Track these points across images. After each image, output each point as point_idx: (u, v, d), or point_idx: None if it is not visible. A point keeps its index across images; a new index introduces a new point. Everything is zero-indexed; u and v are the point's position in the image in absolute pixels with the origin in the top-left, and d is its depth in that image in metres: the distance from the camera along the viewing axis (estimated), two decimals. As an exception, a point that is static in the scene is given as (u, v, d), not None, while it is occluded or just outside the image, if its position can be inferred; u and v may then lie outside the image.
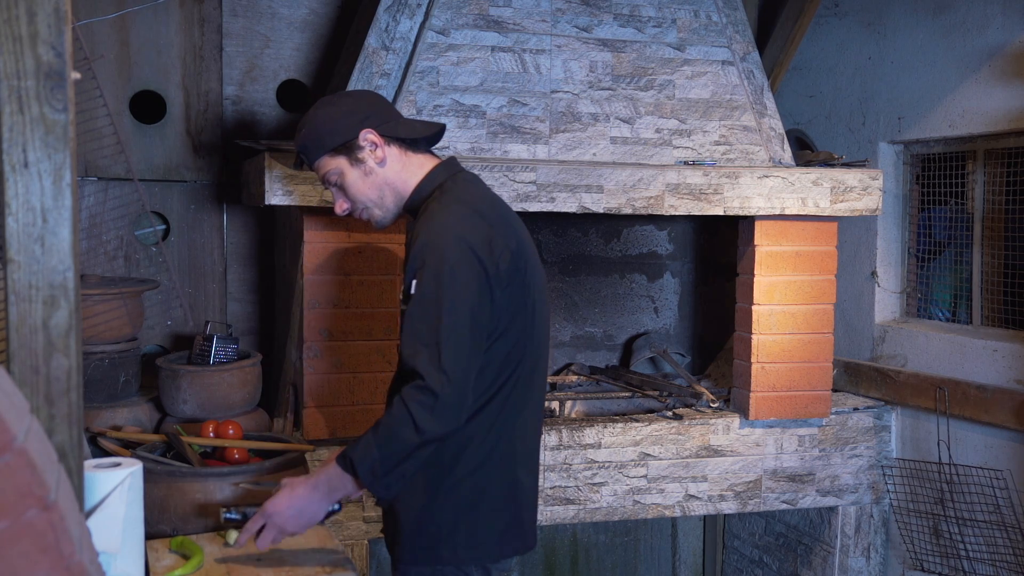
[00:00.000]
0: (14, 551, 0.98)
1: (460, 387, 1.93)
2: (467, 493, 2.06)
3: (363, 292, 3.18)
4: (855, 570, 3.81)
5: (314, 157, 2.15)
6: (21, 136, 1.32)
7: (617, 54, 3.46)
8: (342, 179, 2.14)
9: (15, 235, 1.35)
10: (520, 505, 2.14)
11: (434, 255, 1.97)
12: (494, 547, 2.10)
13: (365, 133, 2.12)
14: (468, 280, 1.96)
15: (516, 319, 2.07)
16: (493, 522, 2.09)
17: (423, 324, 1.94)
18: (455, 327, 1.93)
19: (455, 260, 1.96)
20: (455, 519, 2.06)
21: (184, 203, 3.83)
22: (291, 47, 3.92)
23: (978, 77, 3.49)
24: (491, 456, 2.08)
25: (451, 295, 1.94)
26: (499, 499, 2.10)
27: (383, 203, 2.16)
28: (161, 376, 3.19)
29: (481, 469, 2.07)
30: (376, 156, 2.13)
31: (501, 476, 2.10)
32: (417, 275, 1.98)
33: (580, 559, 4.50)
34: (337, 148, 2.12)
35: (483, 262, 1.98)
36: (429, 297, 1.95)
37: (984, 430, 3.45)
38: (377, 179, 2.14)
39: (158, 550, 2.19)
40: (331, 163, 2.13)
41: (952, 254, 3.81)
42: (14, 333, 1.36)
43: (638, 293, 4.22)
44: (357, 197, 2.15)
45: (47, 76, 1.31)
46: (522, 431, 2.14)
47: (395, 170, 2.15)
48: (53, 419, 1.38)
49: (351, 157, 2.13)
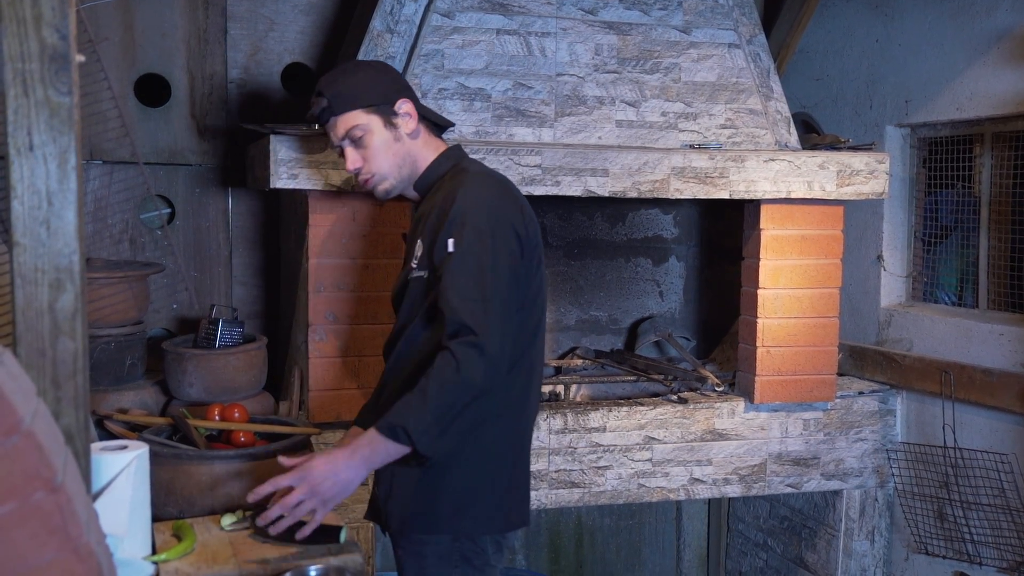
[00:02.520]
0: (22, 532, 0.98)
1: (505, 343, 1.96)
2: (489, 463, 2.11)
3: (368, 276, 3.18)
4: (859, 553, 3.82)
5: (346, 107, 2.13)
6: (26, 119, 1.32)
7: (623, 37, 3.44)
8: (368, 138, 2.14)
9: (20, 218, 1.35)
10: (526, 478, 2.20)
11: (476, 215, 2.00)
12: (503, 519, 2.14)
13: (403, 102, 2.16)
14: (508, 241, 2.02)
15: (538, 293, 2.14)
16: (506, 494, 2.14)
17: (467, 280, 1.96)
18: (499, 286, 1.98)
19: (496, 222, 2.01)
20: (477, 488, 2.09)
21: (189, 186, 3.83)
22: (296, 30, 3.91)
23: (986, 60, 3.47)
24: (510, 426, 2.14)
25: (495, 254, 1.99)
26: (513, 471, 2.15)
27: (400, 174, 2.18)
28: (167, 359, 3.19)
29: (503, 439, 2.12)
30: (407, 127, 2.16)
31: (516, 448, 2.16)
32: (455, 235, 1.99)
33: (585, 542, 4.52)
34: (374, 106, 2.13)
35: (517, 229, 2.05)
36: (473, 254, 1.98)
37: (989, 414, 3.45)
38: (402, 149, 2.16)
39: (164, 532, 2.20)
40: (362, 118, 2.13)
41: (958, 238, 3.80)
42: (20, 316, 1.36)
43: (643, 277, 4.21)
44: (378, 161, 2.15)
45: (51, 59, 1.31)
46: (534, 406, 2.20)
47: (418, 146, 2.18)
48: (60, 402, 1.38)
49: (386, 119, 2.15)
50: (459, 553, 2.10)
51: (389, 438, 1.93)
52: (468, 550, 2.11)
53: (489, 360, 1.92)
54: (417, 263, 2.10)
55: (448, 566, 2.10)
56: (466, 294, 1.95)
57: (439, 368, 1.93)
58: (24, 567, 0.98)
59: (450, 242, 2.00)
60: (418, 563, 2.13)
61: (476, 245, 1.98)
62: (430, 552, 2.11)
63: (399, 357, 2.17)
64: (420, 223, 2.16)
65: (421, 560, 2.12)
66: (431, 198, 2.16)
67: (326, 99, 2.14)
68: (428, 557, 2.11)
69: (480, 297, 1.95)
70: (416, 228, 2.18)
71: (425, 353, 2.06)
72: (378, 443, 1.95)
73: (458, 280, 1.96)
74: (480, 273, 1.96)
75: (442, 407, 1.91)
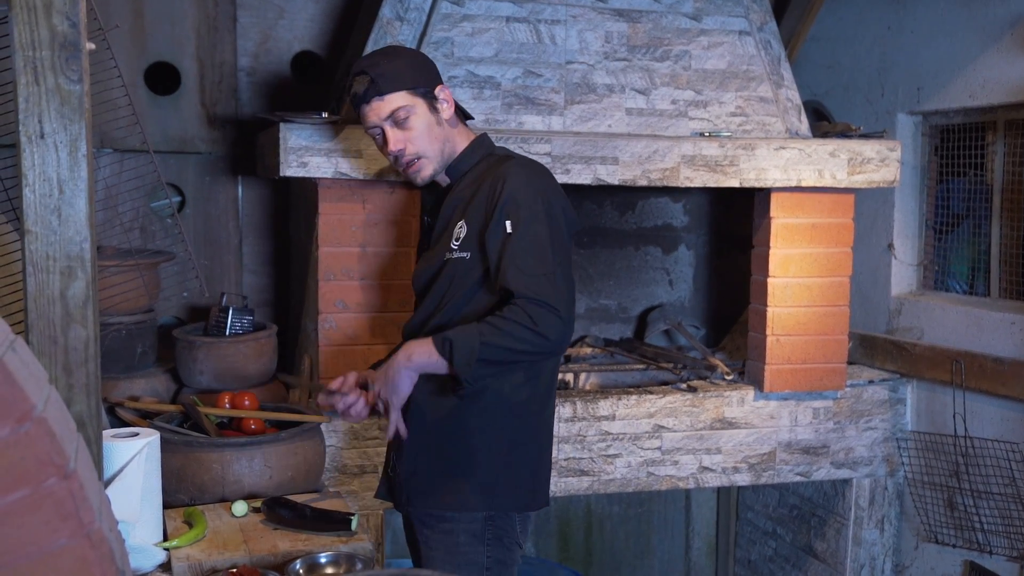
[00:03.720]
0: (35, 519, 0.99)
1: (571, 312, 2.07)
2: (529, 441, 2.19)
3: (378, 264, 3.18)
4: (869, 542, 3.82)
5: (392, 88, 2.15)
6: (37, 107, 1.32)
7: (633, 24, 3.43)
8: (412, 120, 2.17)
9: (32, 206, 1.35)
10: (551, 459, 2.28)
11: (530, 198, 2.08)
12: (533, 497, 2.21)
13: (442, 88, 2.22)
14: (559, 220, 2.12)
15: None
16: (537, 472, 2.22)
17: (530, 257, 2.04)
18: (560, 260, 2.07)
19: (547, 203, 2.10)
20: (512, 465, 2.16)
21: (199, 175, 3.84)
22: (305, 18, 3.90)
23: (1000, 46, 3.44)
24: (548, 406, 2.24)
25: (552, 232, 2.08)
26: (544, 451, 2.24)
27: (440, 157, 2.23)
28: (177, 347, 3.21)
29: (541, 418, 2.22)
30: (446, 113, 2.22)
31: (547, 428, 2.26)
32: (512, 216, 2.06)
33: (594, 530, 4.53)
34: (419, 88, 2.17)
35: (565, 210, 2.15)
36: (533, 233, 2.06)
37: (1000, 403, 3.44)
38: (443, 133, 2.21)
39: (175, 519, 2.22)
40: (408, 100, 2.16)
41: (970, 226, 3.78)
42: (32, 304, 1.37)
43: (653, 265, 4.21)
44: (422, 143, 2.19)
45: (62, 47, 1.31)
46: (556, 389, 2.30)
47: (453, 132, 2.24)
48: (71, 389, 1.39)
49: (430, 103, 2.19)
50: (492, 531, 2.15)
51: (437, 348, 2.02)
52: (500, 528, 2.16)
53: (562, 323, 2.01)
54: (459, 245, 2.14)
55: (480, 543, 2.15)
56: (531, 270, 2.03)
57: (513, 312, 2.00)
58: (37, 553, 0.99)
59: (507, 223, 2.06)
60: (449, 540, 2.16)
61: (534, 225, 2.06)
62: (462, 530, 2.14)
63: (410, 333, 2.23)
64: (456, 207, 2.20)
65: (452, 537, 2.15)
66: (468, 183, 2.21)
67: (371, 77, 2.15)
68: (460, 535, 2.14)
69: (544, 272, 2.03)
70: (452, 211, 2.21)
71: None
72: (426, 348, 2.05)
73: (521, 258, 2.04)
74: (541, 250, 2.05)
75: (502, 346, 1.99)
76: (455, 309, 2.15)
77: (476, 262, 2.12)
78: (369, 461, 3.19)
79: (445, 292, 2.16)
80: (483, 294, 2.12)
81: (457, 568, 2.13)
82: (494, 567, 2.15)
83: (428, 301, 2.21)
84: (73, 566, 1.01)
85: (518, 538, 2.20)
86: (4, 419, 0.97)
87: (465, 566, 2.13)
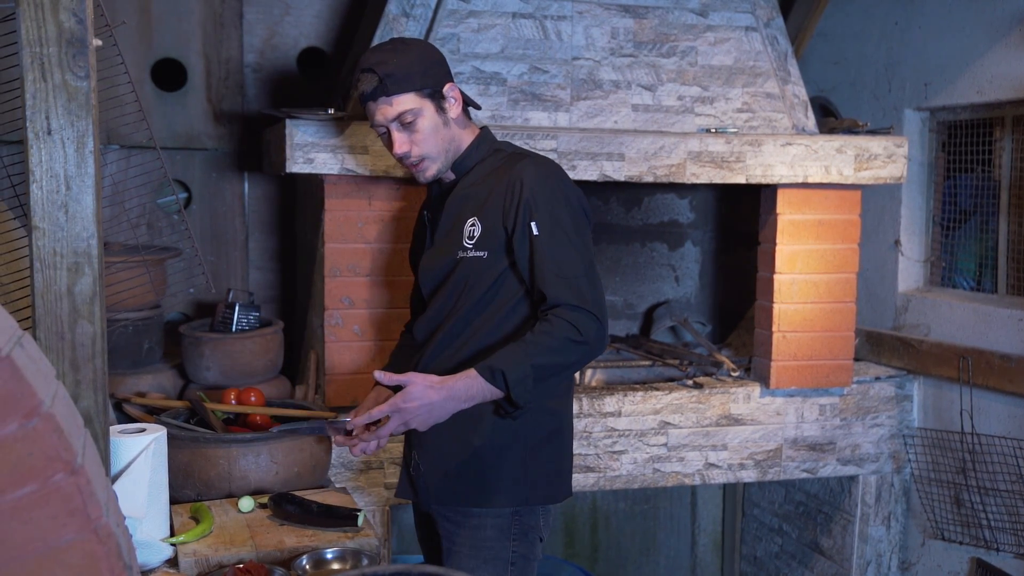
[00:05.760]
0: (42, 514, 0.99)
1: (605, 310, 2.07)
2: (556, 435, 2.20)
3: (384, 260, 3.18)
4: (875, 539, 3.81)
5: (400, 90, 2.11)
6: (44, 103, 1.33)
7: (639, 20, 3.42)
8: (419, 122, 2.13)
9: (39, 202, 1.36)
10: (572, 451, 2.30)
11: (551, 197, 2.08)
12: (557, 490, 2.23)
13: (452, 86, 2.18)
14: (581, 217, 2.13)
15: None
16: (563, 465, 2.24)
17: (562, 258, 2.05)
18: (588, 258, 2.08)
19: (567, 200, 2.10)
20: (541, 459, 2.17)
21: (205, 171, 3.84)
22: (311, 14, 3.90)
23: (1007, 42, 3.43)
24: (569, 402, 2.25)
25: (577, 230, 2.09)
26: (569, 443, 2.26)
27: (446, 157, 2.20)
28: (184, 343, 3.21)
29: (567, 417, 2.24)
30: (454, 111, 2.19)
31: (571, 423, 2.27)
32: (537, 217, 2.06)
33: (600, 526, 4.53)
34: (427, 90, 2.13)
35: (583, 205, 2.15)
36: (562, 232, 2.06)
37: (1007, 400, 3.43)
38: (449, 132, 2.18)
39: (182, 515, 2.22)
40: (415, 102, 2.12)
41: (977, 222, 3.77)
42: (39, 299, 1.37)
43: (659, 262, 4.20)
44: (428, 145, 2.16)
45: (69, 43, 1.31)
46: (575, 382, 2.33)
47: (459, 129, 2.21)
48: (78, 384, 1.39)
49: (437, 104, 2.16)
50: (518, 526, 2.16)
51: (488, 381, 1.99)
52: (526, 522, 2.17)
53: (602, 326, 2.03)
54: (474, 243, 2.11)
55: (506, 538, 2.15)
56: (565, 271, 2.04)
57: (556, 326, 2.00)
58: (44, 548, 0.99)
59: (533, 225, 2.06)
60: (476, 535, 2.15)
61: (560, 225, 2.06)
62: (490, 525, 2.15)
63: (451, 336, 2.17)
64: (464, 204, 2.17)
65: (480, 532, 2.15)
66: (475, 179, 2.19)
67: (379, 77, 2.10)
68: (488, 529, 2.15)
69: (577, 273, 2.04)
70: (459, 209, 2.18)
71: (486, 331, 2.12)
72: (474, 383, 2.00)
73: (552, 259, 2.05)
74: (572, 250, 2.06)
75: (552, 363, 2.00)
76: (473, 311, 2.13)
77: (494, 261, 2.10)
78: (375, 457, 3.19)
79: (461, 292, 2.13)
80: (502, 294, 2.11)
81: (483, 563, 2.13)
82: (519, 561, 2.15)
83: (440, 301, 2.18)
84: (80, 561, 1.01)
85: (541, 532, 2.21)
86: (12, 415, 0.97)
87: (491, 561, 2.13)
